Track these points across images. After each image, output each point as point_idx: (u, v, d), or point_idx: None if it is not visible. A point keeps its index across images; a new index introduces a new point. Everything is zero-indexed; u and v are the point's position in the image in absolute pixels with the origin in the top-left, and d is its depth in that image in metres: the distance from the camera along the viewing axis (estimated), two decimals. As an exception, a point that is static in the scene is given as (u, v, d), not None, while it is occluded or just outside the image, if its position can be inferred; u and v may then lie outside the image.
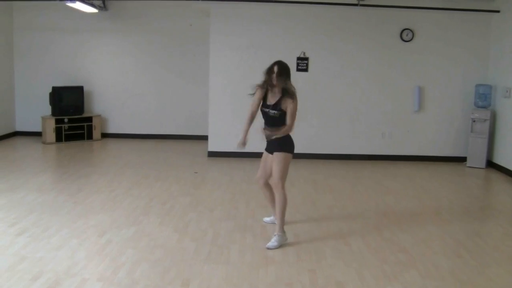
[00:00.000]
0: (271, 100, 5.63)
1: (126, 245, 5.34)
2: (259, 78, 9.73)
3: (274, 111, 5.58)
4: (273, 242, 5.46)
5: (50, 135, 11.52)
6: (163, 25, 12.12)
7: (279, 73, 5.48)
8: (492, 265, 5.14)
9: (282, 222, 5.58)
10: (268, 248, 5.37)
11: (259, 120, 5.82)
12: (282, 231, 5.56)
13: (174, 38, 12.21)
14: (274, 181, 5.61)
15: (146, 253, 5.15)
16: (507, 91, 9.54)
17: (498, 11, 9.90)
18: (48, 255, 4.98)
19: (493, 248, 5.64)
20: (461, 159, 10.36)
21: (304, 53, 10.13)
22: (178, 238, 5.63)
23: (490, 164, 10.07)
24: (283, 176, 5.60)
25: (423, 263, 5.08)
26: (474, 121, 10.02)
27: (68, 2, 9.82)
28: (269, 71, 5.57)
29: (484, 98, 9.95)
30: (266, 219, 6.29)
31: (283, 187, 5.58)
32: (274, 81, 5.49)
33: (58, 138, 11.61)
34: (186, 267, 4.80)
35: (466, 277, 4.76)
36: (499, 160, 9.86)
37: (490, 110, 9.92)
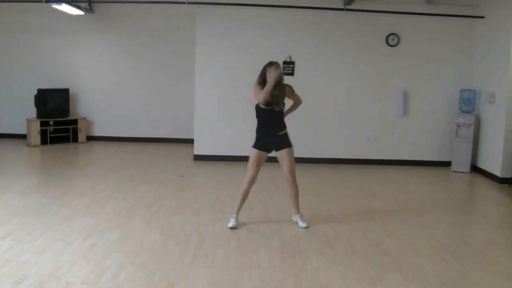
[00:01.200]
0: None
1: (111, 249, 5.31)
2: (245, 81, 9.80)
3: (279, 107, 6.06)
4: (303, 222, 6.29)
5: (35, 138, 11.46)
6: (149, 27, 12.11)
7: (282, 71, 6.04)
8: (477, 268, 5.16)
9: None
10: (307, 227, 6.21)
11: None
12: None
13: (160, 41, 12.20)
14: (291, 173, 6.17)
15: (131, 256, 5.12)
16: (491, 96, 9.61)
17: (482, 17, 9.99)
18: (32, 258, 4.94)
19: (478, 252, 5.67)
20: (446, 164, 10.42)
21: (290, 57, 10.15)
22: (163, 241, 5.61)
23: (475, 169, 10.15)
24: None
25: (408, 266, 5.10)
26: (458, 125, 10.09)
27: (54, 4, 9.78)
28: (268, 70, 6.00)
29: (468, 103, 10.02)
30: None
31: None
32: (279, 77, 5.97)
33: (43, 141, 11.55)
34: (171, 271, 4.78)
35: (450, 281, 4.78)
36: (483, 164, 9.93)
37: (474, 115, 10.00)
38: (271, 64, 6.00)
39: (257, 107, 6.08)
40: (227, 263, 5.05)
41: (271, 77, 5.89)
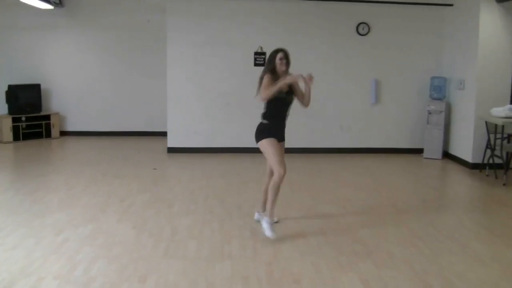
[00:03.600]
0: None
1: (83, 243, 5.30)
2: (217, 73, 9.78)
3: (291, 96, 5.74)
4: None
5: (7, 134, 11.35)
6: (120, 21, 12.02)
7: (287, 59, 5.66)
8: (445, 253, 5.25)
9: None
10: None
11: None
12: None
13: (131, 34, 12.13)
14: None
15: (104, 250, 5.12)
16: (461, 83, 9.74)
17: (451, 5, 10.09)
18: (3, 255, 4.92)
19: (447, 237, 5.76)
20: (418, 151, 10.54)
21: (261, 48, 10.16)
22: (136, 234, 5.61)
23: (446, 155, 10.28)
24: None
25: (379, 254, 5.17)
26: (430, 113, 10.21)
27: (22, -2, 9.70)
28: (275, 58, 5.62)
29: (439, 90, 10.14)
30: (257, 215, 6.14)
31: None
32: (284, 67, 5.62)
33: (16, 137, 11.45)
34: (143, 263, 4.80)
35: (420, 266, 4.85)
36: (454, 151, 10.06)
37: (445, 102, 10.12)
38: (277, 51, 5.64)
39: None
40: (199, 254, 5.07)
41: (284, 82, 5.47)
